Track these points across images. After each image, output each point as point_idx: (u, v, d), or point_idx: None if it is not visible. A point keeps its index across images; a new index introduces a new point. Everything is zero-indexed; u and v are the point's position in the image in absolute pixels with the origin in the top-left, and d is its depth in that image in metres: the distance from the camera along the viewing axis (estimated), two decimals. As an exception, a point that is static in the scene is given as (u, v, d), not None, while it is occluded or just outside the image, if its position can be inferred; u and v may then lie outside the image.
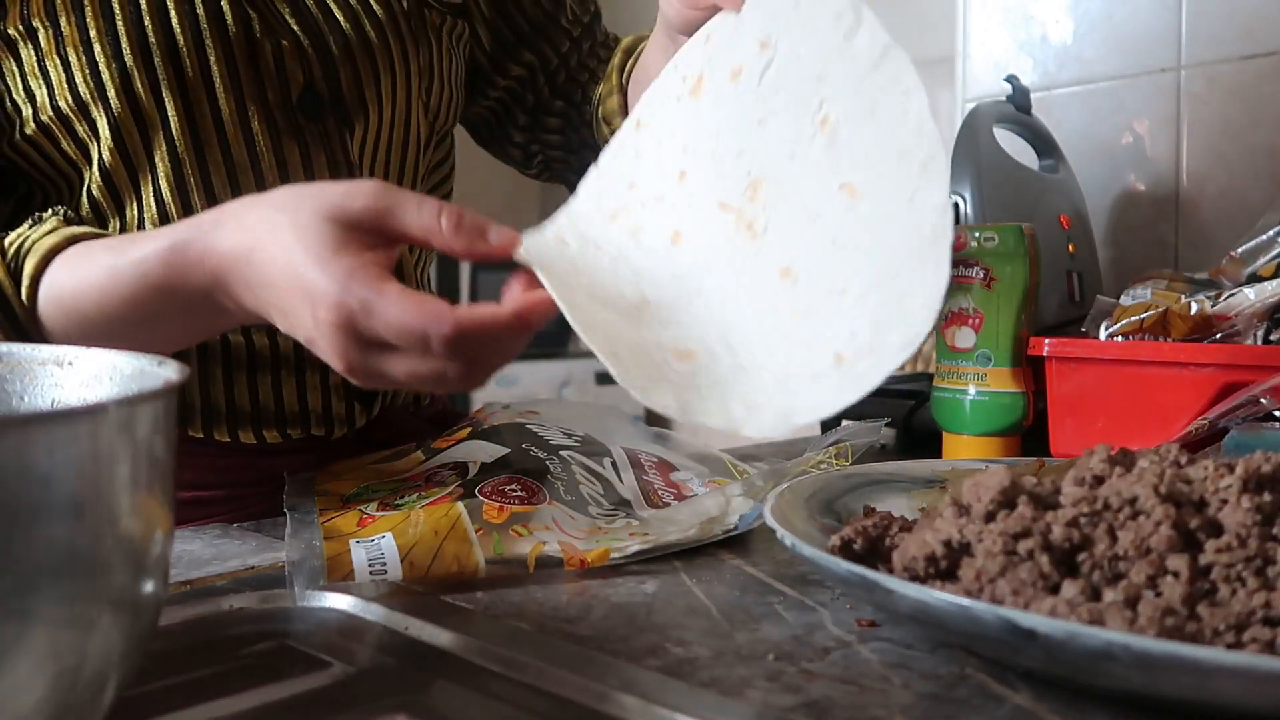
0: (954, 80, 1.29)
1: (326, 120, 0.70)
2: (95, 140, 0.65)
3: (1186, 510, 0.37)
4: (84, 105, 0.64)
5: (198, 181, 0.67)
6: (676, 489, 0.65)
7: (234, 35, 0.66)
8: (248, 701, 0.37)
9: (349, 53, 0.71)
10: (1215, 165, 1.08)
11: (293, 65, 0.69)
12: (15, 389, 0.35)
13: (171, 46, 0.64)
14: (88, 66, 0.63)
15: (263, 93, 0.68)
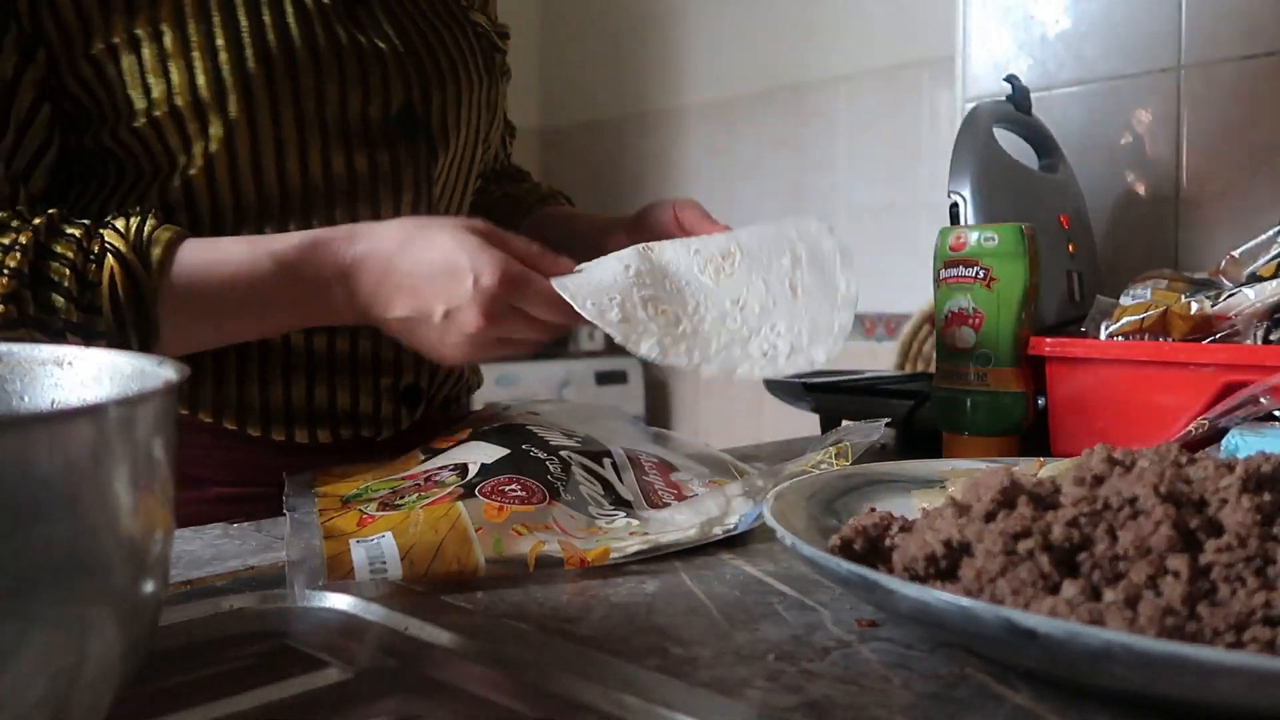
0: (954, 80, 1.29)
1: (418, 137, 0.77)
2: (204, 138, 0.69)
3: (1186, 510, 0.37)
4: (201, 105, 0.69)
5: (298, 183, 0.72)
6: (677, 489, 0.65)
7: (346, 51, 0.72)
8: (248, 701, 0.37)
9: (440, 76, 0.78)
10: (1215, 165, 1.08)
11: (395, 84, 0.75)
12: (15, 389, 0.35)
13: (290, 57, 0.70)
14: (211, 70, 0.68)
15: (365, 106, 0.74)
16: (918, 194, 2.54)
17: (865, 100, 2.66)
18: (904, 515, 0.45)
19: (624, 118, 3.25)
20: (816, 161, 2.79)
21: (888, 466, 0.61)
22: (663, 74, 3.15)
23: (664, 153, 3.15)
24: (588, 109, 3.35)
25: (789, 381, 1.04)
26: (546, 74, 3.45)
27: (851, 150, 2.71)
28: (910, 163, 2.55)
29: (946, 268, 0.79)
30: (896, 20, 2.57)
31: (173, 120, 0.69)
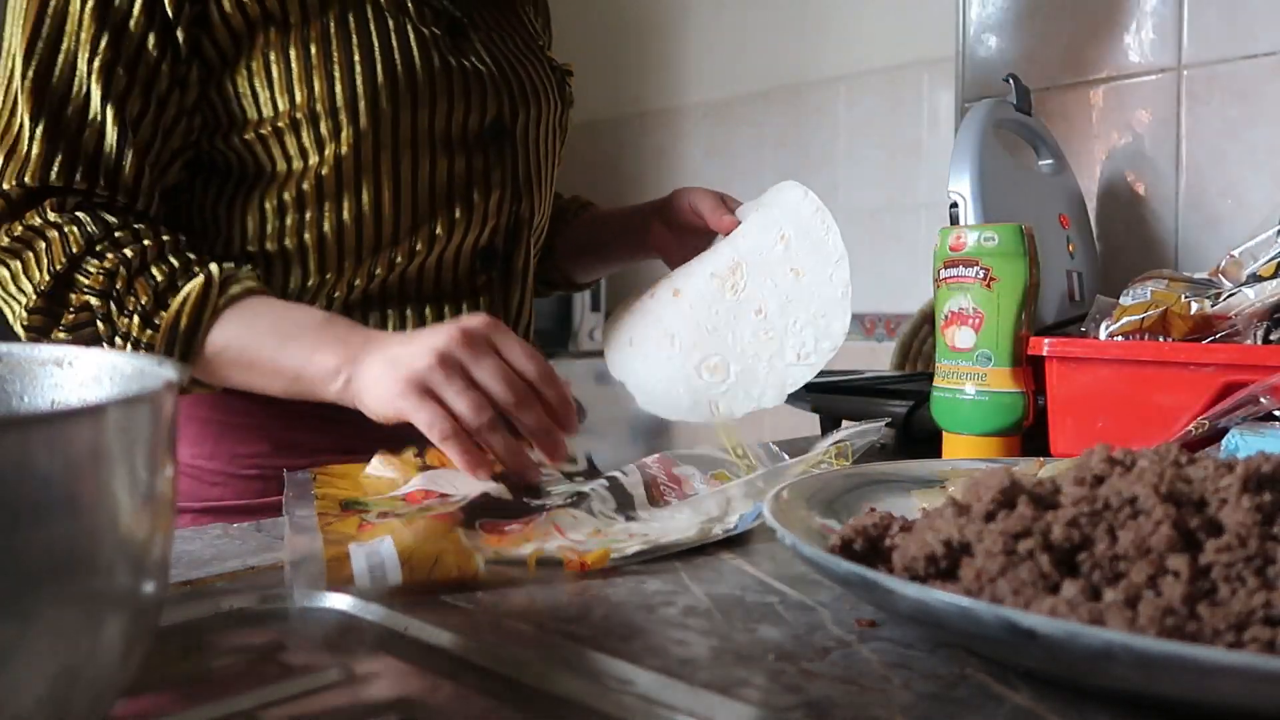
0: (954, 80, 1.29)
1: (505, 146, 0.88)
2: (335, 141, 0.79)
3: (1186, 510, 0.37)
4: (337, 111, 0.79)
5: (409, 184, 0.82)
6: (679, 484, 0.65)
7: (454, 72, 0.83)
8: (248, 701, 0.37)
9: (525, 97, 0.90)
10: (1215, 165, 1.08)
11: (490, 101, 0.86)
12: (15, 389, 0.35)
13: (410, 75, 0.81)
14: (348, 82, 0.79)
15: (466, 119, 0.85)
16: (918, 194, 2.54)
17: (865, 100, 2.66)
18: (904, 515, 0.45)
19: (623, 118, 3.25)
20: (816, 161, 2.79)
21: (888, 466, 0.61)
22: (662, 74, 3.15)
23: (663, 153, 3.15)
24: (587, 109, 3.35)
25: (789, 381, 1.04)
26: (546, 74, 3.45)
27: (851, 150, 2.71)
28: (910, 163, 2.55)
29: (946, 268, 0.79)
30: (896, 20, 2.57)
31: (310, 124, 0.79)
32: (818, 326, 0.79)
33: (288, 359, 0.72)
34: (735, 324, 0.82)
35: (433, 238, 0.85)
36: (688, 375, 0.82)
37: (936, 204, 2.56)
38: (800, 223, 0.84)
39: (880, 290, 2.65)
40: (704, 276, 0.86)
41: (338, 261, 0.83)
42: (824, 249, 0.82)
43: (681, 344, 0.84)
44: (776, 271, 0.82)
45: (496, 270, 0.90)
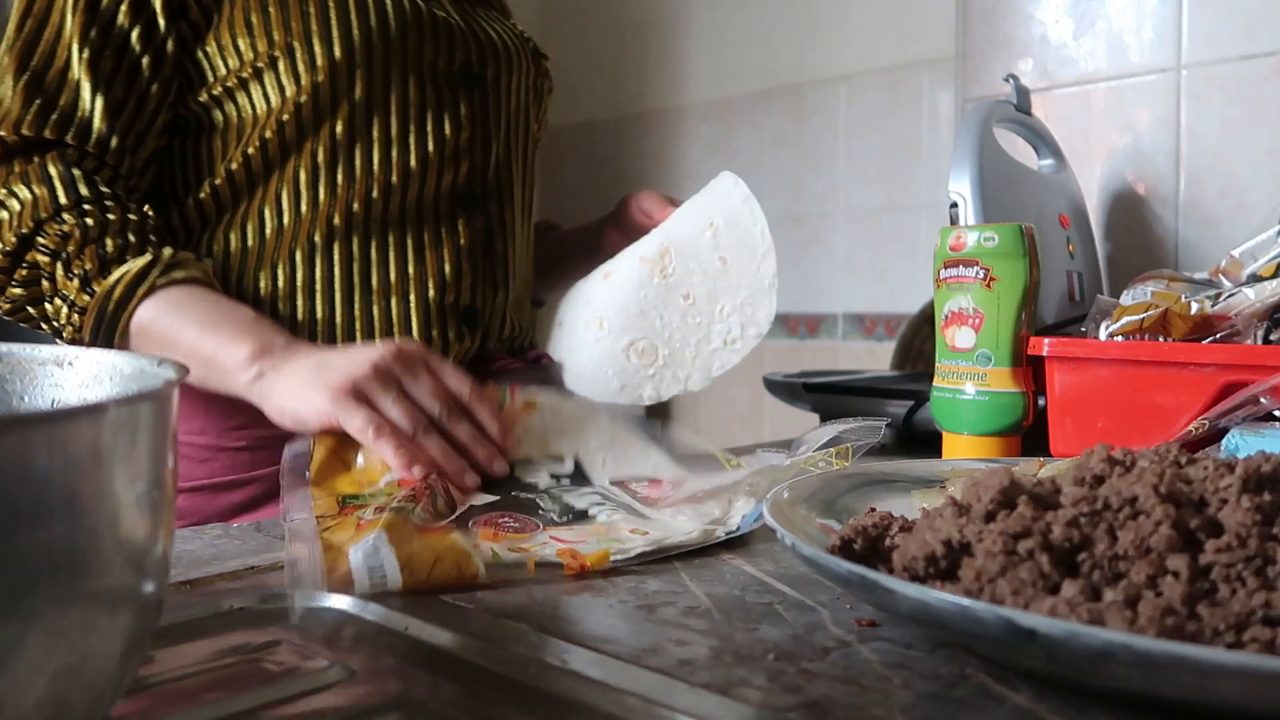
0: (954, 80, 1.29)
1: (474, 89, 0.92)
2: (307, 73, 0.83)
3: (1186, 510, 0.37)
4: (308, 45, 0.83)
5: (377, 120, 0.86)
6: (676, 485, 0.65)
7: (424, 16, 0.89)
8: (248, 701, 0.37)
9: (495, 50, 0.94)
10: (1215, 165, 1.08)
11: (459, 46, 0.91)
12: (15, 389, 0.35)
13: (381, 13, 0.86)
14: (319, 19, 0.83)
15: (435, 61, 0.89)
16: (918, 194, 2.54)
17: (865, 100, 2.66)
18: (904, 515, 0.45)
19: (624, 118, 3.25)
20: (816, 161, 2.79)
21: (888, 466, 0.61)
22: (663, 74, 3.15)
23: (664, 153, 3.14)
24: (588, 109, 3.35)
25: (789, 382, 1.04)
26: (546, 74, 3.45)
27: (851, 150, 2.71)
28: (910, 163, 2.55)
29: (946, 268, 0.79)
30: (896, 20, 2.57)
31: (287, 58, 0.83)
32: (744, 314, 0.82)
33: (204, 344, 0.74)
34: (663, 308, 0.84)
35: (406, 171, 0.87)
36: (616, 357, 0.84)
37: (936, 204, 2.56)
38: (729, 212, 0.86)
39: (880, 290, 2.65)
40: (634, 260, 0.87)
41: (312, 196, 0.86)
42: (751, 240, 0.84)
43: (610, 326, 0.85)
44: (705, 259, 0.84)
45: (479, 218, 0.92)
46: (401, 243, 0.88)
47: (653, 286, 0.85)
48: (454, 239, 0.90)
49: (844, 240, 2.74)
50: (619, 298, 0.86)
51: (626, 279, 0.86)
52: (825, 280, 2.78)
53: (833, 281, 2.77)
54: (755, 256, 0.83)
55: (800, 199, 2.82)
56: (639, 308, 0.84)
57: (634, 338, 0.84)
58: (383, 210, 0.87)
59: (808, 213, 2.81)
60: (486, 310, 0.93)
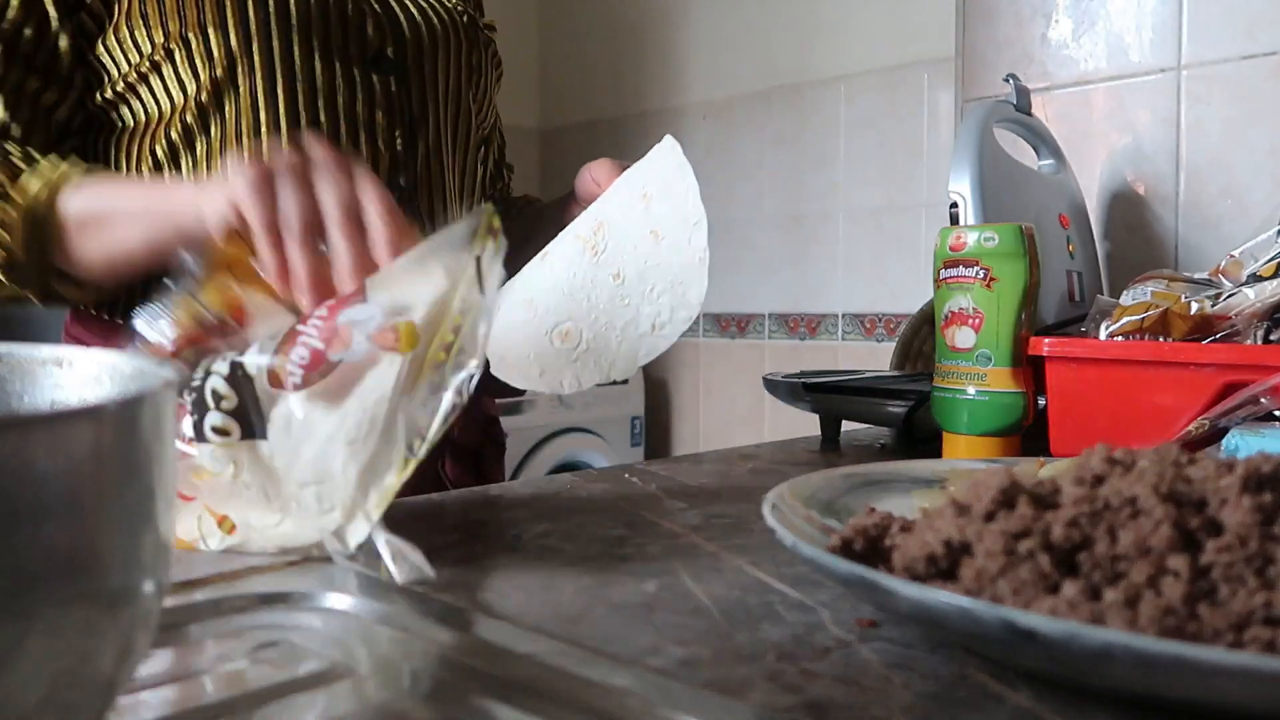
0: (954, 80, 1.29)
1: (390, 77, 0.88)
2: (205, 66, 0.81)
3: (1186, 510, 0.37)
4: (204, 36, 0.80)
5: (284, 108, 0.83)
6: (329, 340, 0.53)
7: (332, 3, 0.85)
8: (248, 701, 0.37)
9: (417, 33, 0.90)
10: (1215, 165, 1.08)
11: (374, 32, 0.87)
12: (15, 389, 0.35)
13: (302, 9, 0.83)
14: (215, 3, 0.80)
15: (345, 46, 0.86)
16: (918, 194, 2.54)
17: (865, 100, 2.66)
18: (904, 515, 0.45)
19: (624, 118, 3.25)
20: (816, 161, 2.79)
21: (888, 466, 0.61)
22: (663, 74, 3.15)
23: (664, 153, 3.14)
24: (588, 109, 3.35)
25: (789, 382, 1.04)
26: (546, 74, 3.45)
27: (851, 150, 2.71)
28: (910, 163, 2.55)
29: (946, 268, 0.79)
30: (896, 20, 2.57)
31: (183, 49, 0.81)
32: (675, 294, 0.75)
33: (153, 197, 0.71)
34: (593, 289, 0.77)
35: None
36: (539, 341, 0.77)
37: (936, 204, 2.57)
38: (664, 181, 0.79)
39: (880, 290, 2.65)
40: (570, 237, 0.80)
41: None
42: (684, 210, 0.77)
43: (538, 308, 0.78)
44: (636, 233, 0.78)
45: (409, 215, 0.85)
46: None
47: (583, 265, 0.78)
48: None
49: (844, 240, 2.74)
50: (550, 277, 0.79)
51: (559, 258, 0.79)
52: (825, 280, 2.78)
53: (833, 281, 2.77)
54: (687, 227, 0.76)
55: (800, 199, 2.82)
56: (568, 288, 0.77)
57: (559, 320, 0.76)
58: None
59: (808, 213, 2.81)
60: None
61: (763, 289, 2.90)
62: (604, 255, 0.77)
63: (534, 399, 2.80)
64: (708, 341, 3.03)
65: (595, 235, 0.78)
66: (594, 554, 0.55)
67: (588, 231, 0.79)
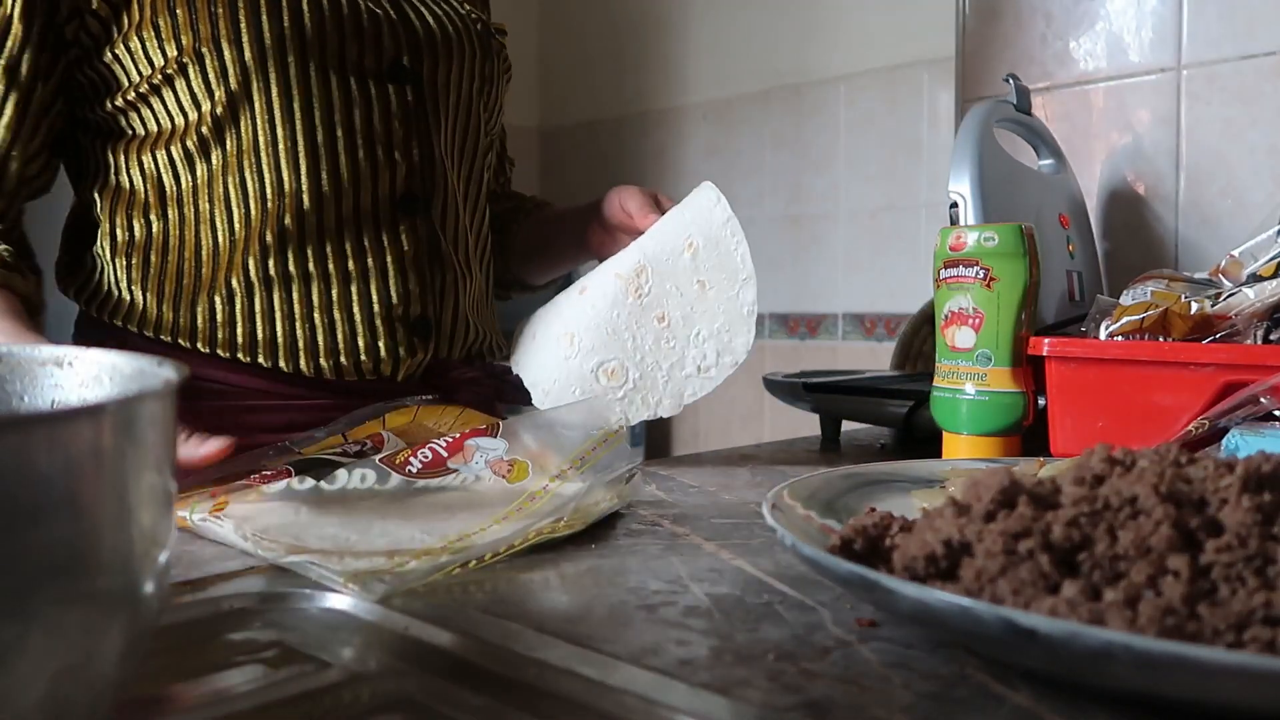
0: (954, 80, 1.29)
1: (406, 87, 0.87)
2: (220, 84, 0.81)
3: (1186, 510, 0.37)
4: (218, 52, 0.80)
5: (300, 124, 0.82)
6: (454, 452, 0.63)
7: (345, 11, 0.84)
8: (248, 701, 0.37)
9: (432, 41, 0.89)
10: (1215, 165, 1.08)
11: (389, 41, 0.86)
12: (15, 389, 0.35)
13: (295, 11, 0.81)
14: (228, 19, 0.80)
15: (361, 58, 0.85)
16: (918, 194, 2.54)
17: (865, 100, 2.66)
18: (904, 515, 0.45)
19: (624, 118, 3.25)
20: (816, 161, 2.79)
21: (888, 466, 0.61)
22: (663, 74, 3.15)
23: (664, 152, 3.14)
24: (588, 109, 3.35)
25: (789, 382, 1.04)
26: (546, 74, 3.45)
27: (851, 150, 2.71)
28: (910, 163, 2.55)
29: (946, 268, 0.79)
30: (896, 20, 2.57)
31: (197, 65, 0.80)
32: (720, 340, 0.79)
33: None
34: (637, 330, 0.80)
35: (337, 179, 0.84)
36: (584, 377, 0.80)
37: (936, 204, 2.56)
38: (710, 232, 0.81)
39: (880, 290, 2.65)
40: (609, 276, 0.83)
41: (244, 212, 0.83)
42: (731, 264, 0.80)
43: (580, 344, 0.81)
44: (682, 280, 0.81)
45: (422, 224, 0.88)
46: (341, 256, 0.84)
47: (626, 306, 0.80)
48: (397, 247, 0.86)
49: (844, 240, 2.74)
50: (592, 315, 0.82)
51: (601, 295, 0.82)
52: (825, 280, 2.78)
53: (833, 281, 2.77)
54: (735, 283, 0.79)
55: (800, 199, 2.82)
56: (611, 327, 0.80)
57: (604, 358, 0.80)
58: (317, 223, 0.83)
59: (808, 213, 2.81)
60: (439, 319, 0.90)
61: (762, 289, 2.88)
62: (648, 298, 0.80)
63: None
64: (708, 341, 3.03)
65: (638, 278, 0.81)
66: (594, 554, 0.55)
67: (629, 272, 0.81)
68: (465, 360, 0.95)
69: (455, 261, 0.91)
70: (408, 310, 0.87)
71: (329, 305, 0.84)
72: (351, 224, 0.85)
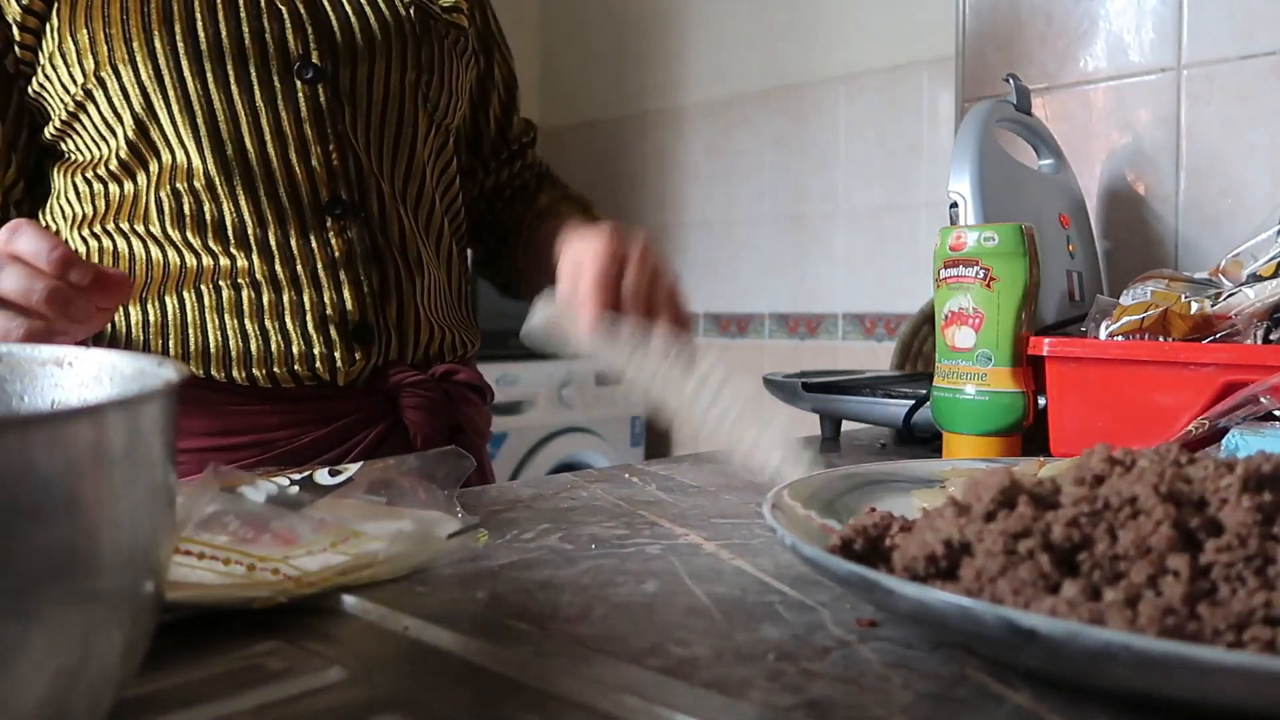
0: (954, 80, 1.29)
1: (318, 86, 0.83)
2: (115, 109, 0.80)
3: (1186, 510, 0.37)
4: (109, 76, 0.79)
5: (207, 140, 0.81)
6: None
7: (245, 12, 0.81)
8: (248, 701, 0.37)
9: (350, 38, 0.85)
10: (1215, 165, 1.08)
11: (295, 40, 0.83)
12: (15, 389, 0.35)
13: (189, 22, 0.80)
14: (122, 38, 0.79)
15: (266, 64, 0.82)
16: (918, 194, 2.55)
17: (865, 100, 2.66)
18: (904, 515, 0.45)
19: (624, 117, 3.25)
20: (816, 161, 2.79)
21: (888, 466, 0.61)
22: (663, 74, 3.15)
23: (664, 152, 3.15)
24: (588, 109, 3.35)
25: (788, 381, 1.04)
26: (546, 74, 3.45)
27: (851, 150, 2.71)
28: (910, 163, 2.55)
29: (946, 268, 0.79)
30: (896, 20, 2.57)
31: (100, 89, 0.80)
32: None
33: None
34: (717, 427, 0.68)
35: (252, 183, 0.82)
36: None
37: (936, 204, 2.57)
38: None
39: (880, 290, 2.65)
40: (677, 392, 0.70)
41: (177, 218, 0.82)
42: None
43: None
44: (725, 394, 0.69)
45: (351, 226, 0.85)
46: (269, 262, 0.83)
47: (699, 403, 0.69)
48: (326, 251, 0.84)
49: (844, 240, 2.74)
50: None
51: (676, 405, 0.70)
52: (825, 280, 2.78)
53: (833, 281, 2.77)
54: None
55: (800, 199, 2.82)
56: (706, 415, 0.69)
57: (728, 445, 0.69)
58: (240, 228, 0.82)
59: (808, 213, 2.81)
60: (382, 322, 0.87)
61: (763, 289, 2.90)
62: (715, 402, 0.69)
63: (533, 399, 2.80)
64: (708, 341, 3.03)
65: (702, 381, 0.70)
66: (594, 554, 0.55)
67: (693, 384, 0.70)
68: (415, 364, 0.91)
69: (399, 262, 0.88)
70: (344, 316, 0.85)
71: (260, 313, 0.83)
72: (275, 228, 0.83)
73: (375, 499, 0.57)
